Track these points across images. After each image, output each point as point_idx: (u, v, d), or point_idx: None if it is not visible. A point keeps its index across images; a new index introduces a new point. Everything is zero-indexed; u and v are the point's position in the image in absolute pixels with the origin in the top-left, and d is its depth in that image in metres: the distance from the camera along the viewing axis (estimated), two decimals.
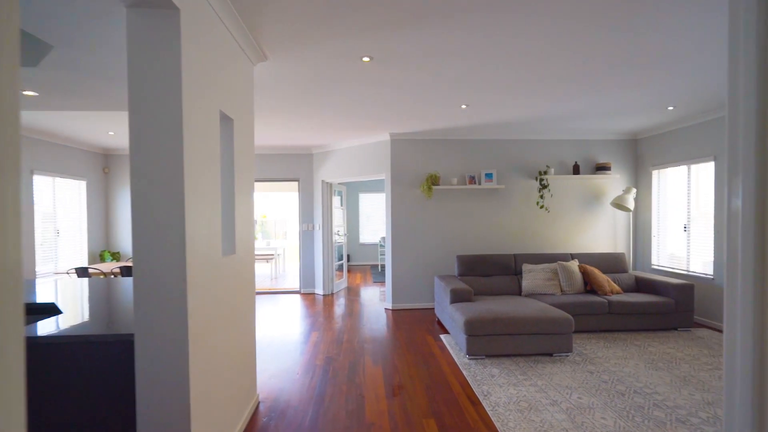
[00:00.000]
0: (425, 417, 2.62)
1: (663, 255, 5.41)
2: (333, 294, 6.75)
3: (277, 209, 13.37)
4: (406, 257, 5.60)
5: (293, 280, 8.25)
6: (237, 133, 2.38)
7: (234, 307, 2.32)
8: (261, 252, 8.85)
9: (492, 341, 3.61)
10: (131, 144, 1.56)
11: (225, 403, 2.12)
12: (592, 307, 4.31)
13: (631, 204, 5.35)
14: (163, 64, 1.55)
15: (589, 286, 4.70)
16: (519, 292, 4.80)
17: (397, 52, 2.76)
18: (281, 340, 4.29)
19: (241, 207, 2.45)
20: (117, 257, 6.48)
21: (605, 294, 4.54)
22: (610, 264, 5.08)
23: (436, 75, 3.24)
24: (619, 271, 5.09)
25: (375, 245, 10.52)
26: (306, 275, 6.87)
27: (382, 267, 9.78)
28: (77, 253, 6.01)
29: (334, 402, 2.84)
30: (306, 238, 6.89)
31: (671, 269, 5.21)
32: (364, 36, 2.51)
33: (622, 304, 4.32)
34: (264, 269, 9.61)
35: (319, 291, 6.75)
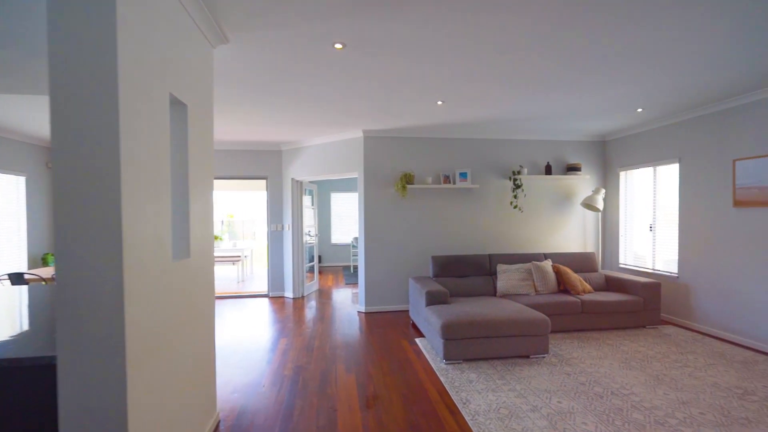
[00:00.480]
0: (402, 430, 2.45)
1: (630, 254, 5.54)
2: (304, 297, 6.47)
3: (245, 209, 12.84)
4: (379, 258, 5.43)
5: (261, 282, 7.88)
6: (192, 122, 2.11)
7: (189, 318, 2.05)
8: (227, 254, 8.40)
9: (469, 345, 3.50)
10: (52, 127, 1.29)
11: (177, 427, 1.86)
12: (565, 307, 4.30)
13: (601, 204, 5.43)
14: (93, 30, 1.29)
15: (563, 285, 4.70)
16: (494, 292, 4.74)
17: (372, 39, 2.58)
18: (246, 348, 3.99)
19: (197, 205, 2.19)
20: None
21: (578, 294, 4.55)
22: (581, 263, 5.13)
23: (411, 67, 3.09)
24: (590, 271, 5.14)
25: (347, 246, 10.29)
26: (275, 278, 6.55)
27: (354, 268, 9.56)
28: (16, 257, 5.42)
29: (303, 417, 2.61)
30: (275, 238, 6.57)
31: (638, 268, 5.33)
32: (335, 19, 2.31)
33: (594, 303, 4.34)
34: (230, 272, 9.15)
35: (289, 294, 6.45)
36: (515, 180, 5.55)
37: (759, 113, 3.79)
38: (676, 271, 4.77)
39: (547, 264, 4.77)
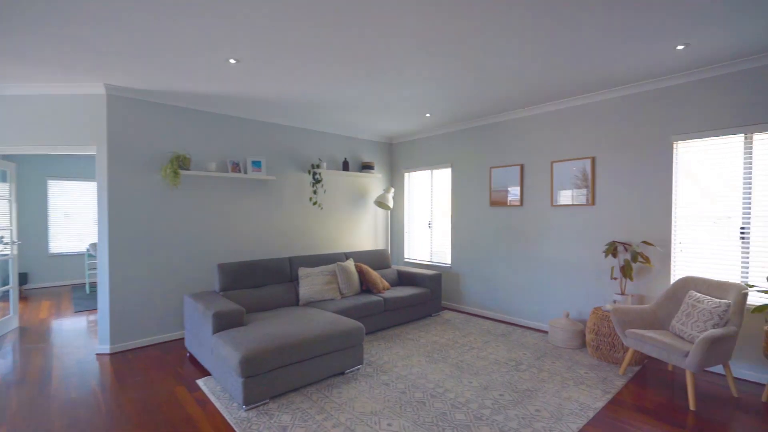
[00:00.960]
0: None
1: (413, 249, 6.06)
2: None
3: None
4: (135, 270, 3.83)
5: None
6: None
7: None
8: None
9: (277, 376, 2.73)
10: None
11: None
12: (371, 308, 4.14)
13: (391, 202, 5.69)
14: None
15: (365, 285, 4.56)
16: (297, 301, 4.10)
17: None
18: None
19: None
20: None
21: (379, 292, 4.51)
22: (377, 261, 5.17)
23: None
24: (384, 267, 5.26)
25: (79, 256, 7.33)
26: None
27: (93, 287, 6.86)
28: None
29: None
30: None
31: (420, 261, 5.88)
32: None
33: (395, 300, 4.38)
34: None
35: None
36: (315, 174, 5.09)
37: (507, 131, 4.70)
38: (449, 262, 5.47)
39: (350, 264, 4.52)
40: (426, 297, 4.74)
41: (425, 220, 5.86)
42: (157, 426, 2.43)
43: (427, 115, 4.79)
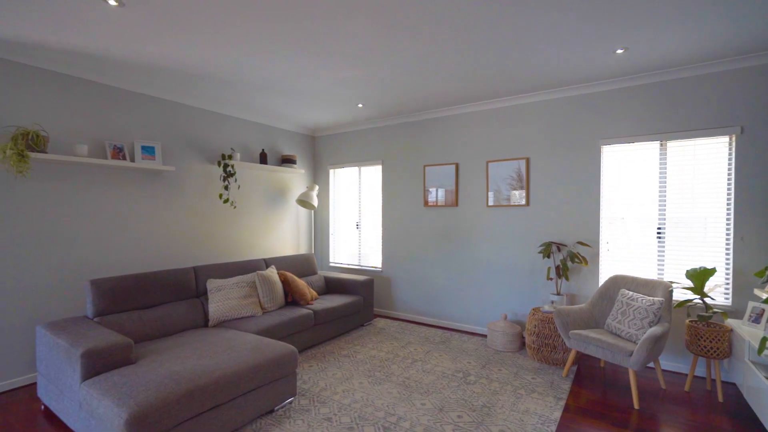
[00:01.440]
0: None
1: (340, 252, 5.56)
2: None
3: None
4: None
5: None
6: None
7: None
8: None
9: (186, 431, 2.03)
10: None
11: None
12: (300, 323, 3.54)
13: (316, 201, 5.12)
14: None
15: (290, 296, 3.93)
16: (206, 321, 3.30)
17: None
18: None
19: None
20: None
21: (307, 303, 3.92)
22: (302, 267, 4.56)
23: None
24: (311, 274, 4.67)
25: None
26: None
27: None
28: None
29: None
30: None
31: (347, 265, 5.41)
32: None
33: (326, 311, 3.84)
34: None
35: None
36: (226, 166, 4.27)
37: (442, 128, 4.53)
38: (380, 266, 5.11)
39: (273, 272, 3.85)
40: (358, 306, 4.30)
41: (353, 220, 5.41)
42: None
43: (360, 106, 4.36)
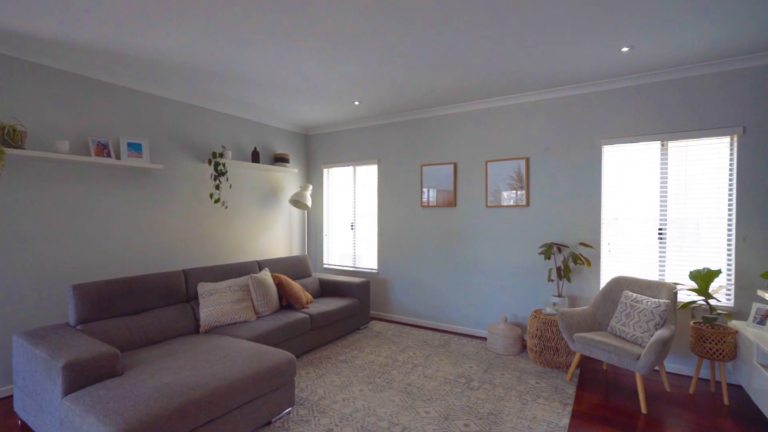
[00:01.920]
0: None
1: (334, 254, 5.43)
2: None
3: None
4: None
5: None
6: None
7: None
8: None
9: None
10: None
11: None
12: (296, 328, 3.41)
13: (309, 201, 4.98)
14: None
15: (285, 300, 3.79)
16: (197, 328, 3.14)
17: None
18: None
19: None
20: None
21: (303, 307, 3.79)
22: (296, 269, 4.42)
23: None
24: (305, 276, 4.53)
25: None
26: None
27: None
28: None
29: None
30: None
31: (342, 267, 5.28)
32: None
33: (322, 315, 3.71)
34: None
35: None
36: (217, 164, 4.10)
37: (440, 127, 4.44)
38: (376, 267, 5.00)
39: (267, 275, 3.71)
40: (355, 309, 4.18)
41: (347, 221, 5.29)
42: None
43: (356, 103, 4.24)
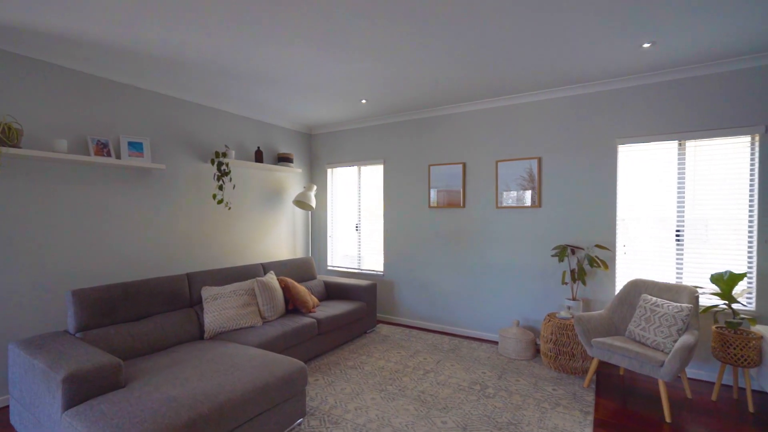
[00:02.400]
0: None
1: (338, 255, 5.32)
2: None
3: None
4: None
5: None
6: None
7: None
8: None
9: None
10: None
11: None
12: (303, 334, 3.30)
13: (314, 202, 4.87)
14: None
15: (291, 304, 3.68)
16: (201, 334, 3.03)
17: None
18: None
19: None
20: None
21: (309, 311, 3.67)
22: (301, 272, 4.31)
23: None
24: (310, 279, 4.42)
25: None
26: None
27: None
28: None
29: None
30: None
31: (346, 269, 5.17)
32: None
33: (330, 320, 3.60)
34: None
35: None
36: (221, 164, 3.98)
37: (449, 126, 4.34)
38: (381, 270, 4.89)
39: (272, 279, 3.59)
40: (362, 312, 4.07)
41: (352, 222, 5.18)
42: None
43: (363, 102, 4.13)
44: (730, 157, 3.10)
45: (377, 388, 2.94)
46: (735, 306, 3.01)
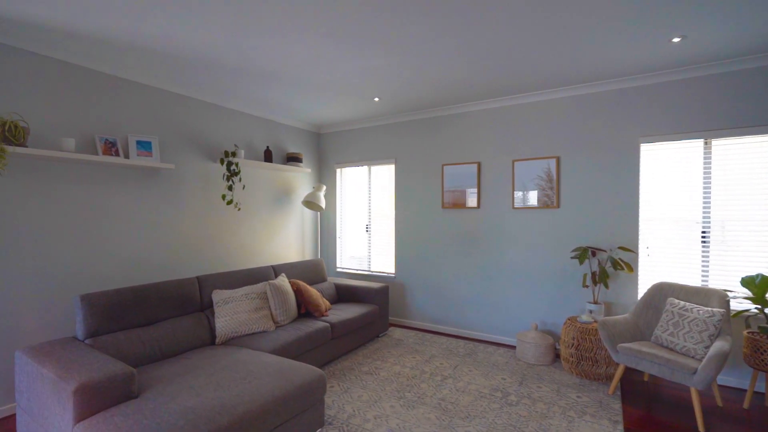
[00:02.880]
0: None
1: (348, 257, 5.22)
2: None
3: None
4: None
5: None
6: None
7: None
8: None
9: None
10: None
11: None
12: (316, 338, 3.20)
13: (323, 202, 4.77)
14: None
15: (303, 308, 3.58)
16: (212, 339, 2.93)
17: None
18: None
19: None
20: None
21: (322, 315, 3.58)
22: (311, 274, 4.21)
23: None
24: (320, 281, 4.32)
25: None
26: None
27: None
28: None
29: None
30: None
31: (357, 271, 5.07)
32: None
33: (343, 323, 3.50)
34: None
35: None
36: (230, 164, 3.88)
37: (463, 125, 4.23)
38: (393, 272, 4.79)
39: (284, 281, 3.50)
40: (374, 315, 3.97)
41: (362, 223, 5.08)
42: None
43: (376, 99, 4.03)
44: (760, 157, 2.99)
45: (395, 395, 2.84)
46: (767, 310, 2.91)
